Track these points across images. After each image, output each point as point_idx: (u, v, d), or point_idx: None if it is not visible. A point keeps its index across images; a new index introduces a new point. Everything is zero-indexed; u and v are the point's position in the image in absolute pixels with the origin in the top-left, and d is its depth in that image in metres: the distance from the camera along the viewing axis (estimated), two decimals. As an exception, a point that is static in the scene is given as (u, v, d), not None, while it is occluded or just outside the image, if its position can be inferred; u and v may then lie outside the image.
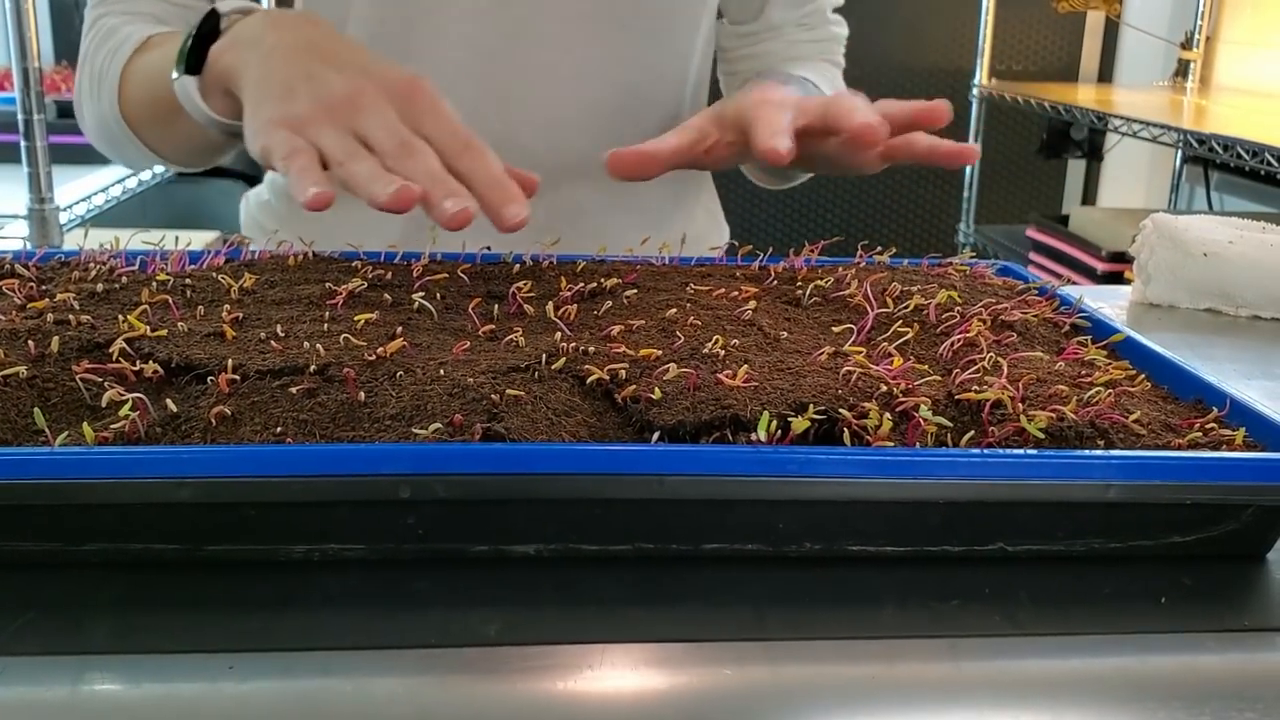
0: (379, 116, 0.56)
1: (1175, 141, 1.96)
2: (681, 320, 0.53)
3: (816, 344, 0.52)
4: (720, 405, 0.44)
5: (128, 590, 0.41)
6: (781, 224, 3.06)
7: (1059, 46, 3.00)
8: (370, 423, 0.43)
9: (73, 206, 1.64)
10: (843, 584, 0.42)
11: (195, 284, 0.56)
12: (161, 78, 0.69)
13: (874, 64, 2.97)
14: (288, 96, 0.58)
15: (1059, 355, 0.54)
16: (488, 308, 0.55)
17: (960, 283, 0.62)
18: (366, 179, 0.53)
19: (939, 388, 0.47)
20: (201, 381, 0.46)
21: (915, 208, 3.07)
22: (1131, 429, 0.45)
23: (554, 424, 0.44)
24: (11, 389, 0.45)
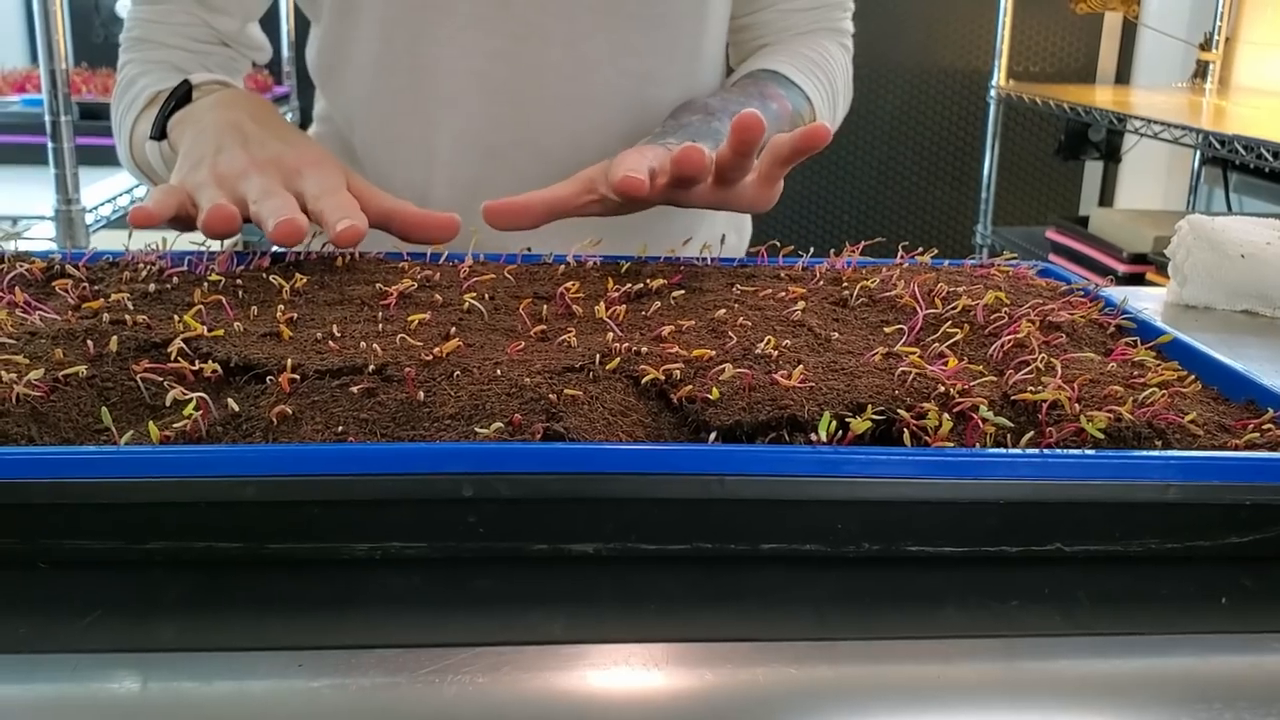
0: (260, 182, 0.63)
1: (1196, 143, 1.96)
2: (731, 320, 0.53)
3: (867, 344, 0.52)
4: (777, 406, 0.44)
5: (193, 588, 0.41)
6: (799, 226, 3.06)
7: (1076, 48, 2.99)
8: (430, 422, 0.43)
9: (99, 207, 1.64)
10: (902, 584, 0.43)
11: (246, 284, 0.57)
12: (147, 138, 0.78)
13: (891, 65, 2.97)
14: (197, 166, 0.66)
15: (1108, 356, 0.54)
16: (536, 308, 0.55)
17: (1005, 284, 0.63)
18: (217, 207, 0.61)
19: (994, 388, 0.47)
20: (260, 381, 0.46)
21: (932, 209, 3.07)
22: (1189, 429, 0.45)
23: (611, 424, 0.44)
24: (72, 388, 0.45)
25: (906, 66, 2.98)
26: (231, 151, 0.66)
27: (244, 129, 0.69)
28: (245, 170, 0.64)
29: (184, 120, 0.74)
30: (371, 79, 0.85)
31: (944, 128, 3.03)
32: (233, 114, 0.71)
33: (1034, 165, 3.03)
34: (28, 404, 0.43)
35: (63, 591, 0.41)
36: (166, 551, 0.41)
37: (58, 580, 0.41)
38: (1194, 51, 2.69)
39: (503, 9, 0.82)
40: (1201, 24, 2.71)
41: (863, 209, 3.06)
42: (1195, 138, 1.94)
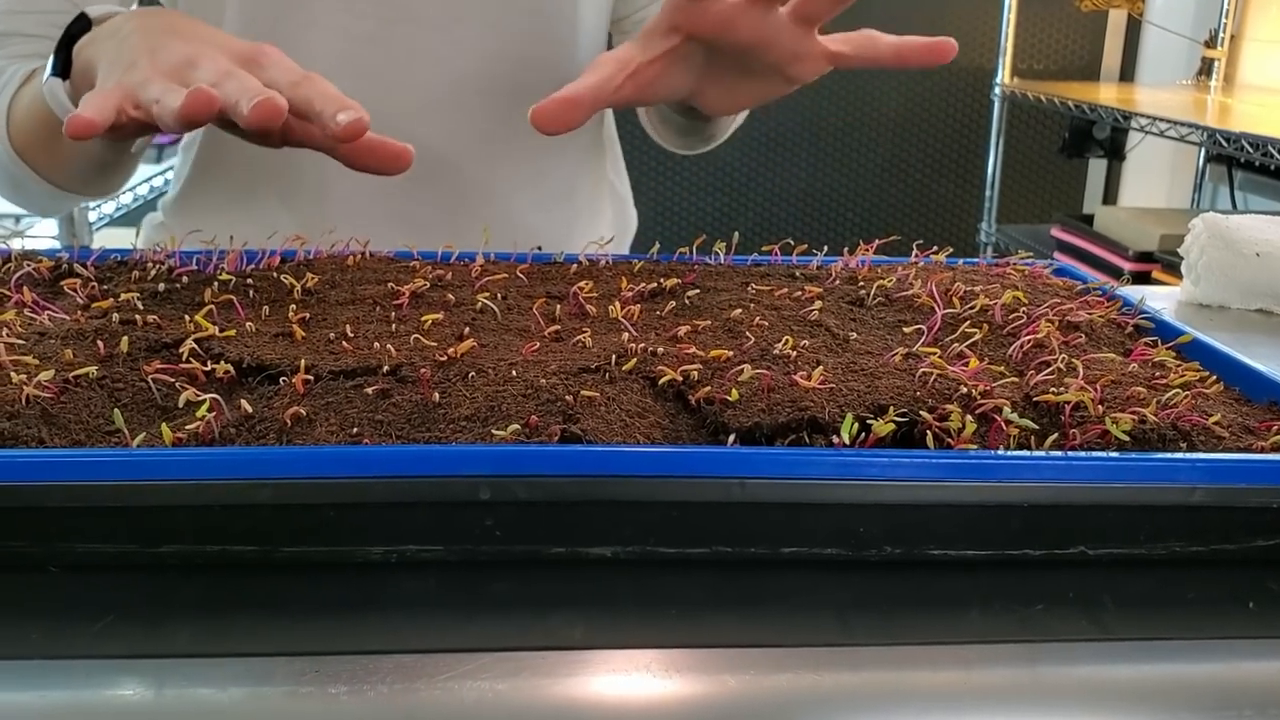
0: (213, 66, 0.56)
1: (1202, 140, 1.95)
2: (748, 320, 0.53)
3: (886, 345, 0.51)
4: (797, 407, 0.43)
5: (206, 592, 0.40)
6: (802, 221, 3.05)
7: (1081, 45, 2.99)
8: (445, 423, 0.43)
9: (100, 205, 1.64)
10: (925, 588, 0.42)
11: (257, 284, 0.56)
12: (41, 99, 0.68)
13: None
14: (130, 68, 0.58)
15: (1129, 357, 0.53)
16: (550, 308, 0.55)
17: (1021, 283, 0.62)
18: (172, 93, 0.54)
19: (1016, 390, 0.46)
20: (274, 382, 0.46)
21: (936, 206, 3.06)
22: (1213, 431, 0.44)
23: (628, 425, 0.44)
24: (82, 389, 0.44)
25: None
26: (170, 45, 0.59)
27: (177, 28, 0.62)
28: (192, 58, 0.57)
29: (95, 40, 0.65)
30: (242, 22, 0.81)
31: (948, 125, 3.03)
32: (159, 20, 0.64)
33: (1038, 163, 3.02)
34: (38, 405, 0.42)
35: (75, 595, 0.40)
36: (179, 555, 0.41)
37: (69, 584, 0.40)
38: (1199, 49, 2.68)
39: None
40: (1207, 21, 2.70)
41: (867, 206, 3.05)
42: (1201, 135, 1.94)
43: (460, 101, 0.83)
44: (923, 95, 2.99)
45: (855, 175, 3.04)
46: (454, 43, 0.82)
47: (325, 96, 0.55)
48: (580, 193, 0.92)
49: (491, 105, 0.84)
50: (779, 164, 3.02)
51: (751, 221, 3.01)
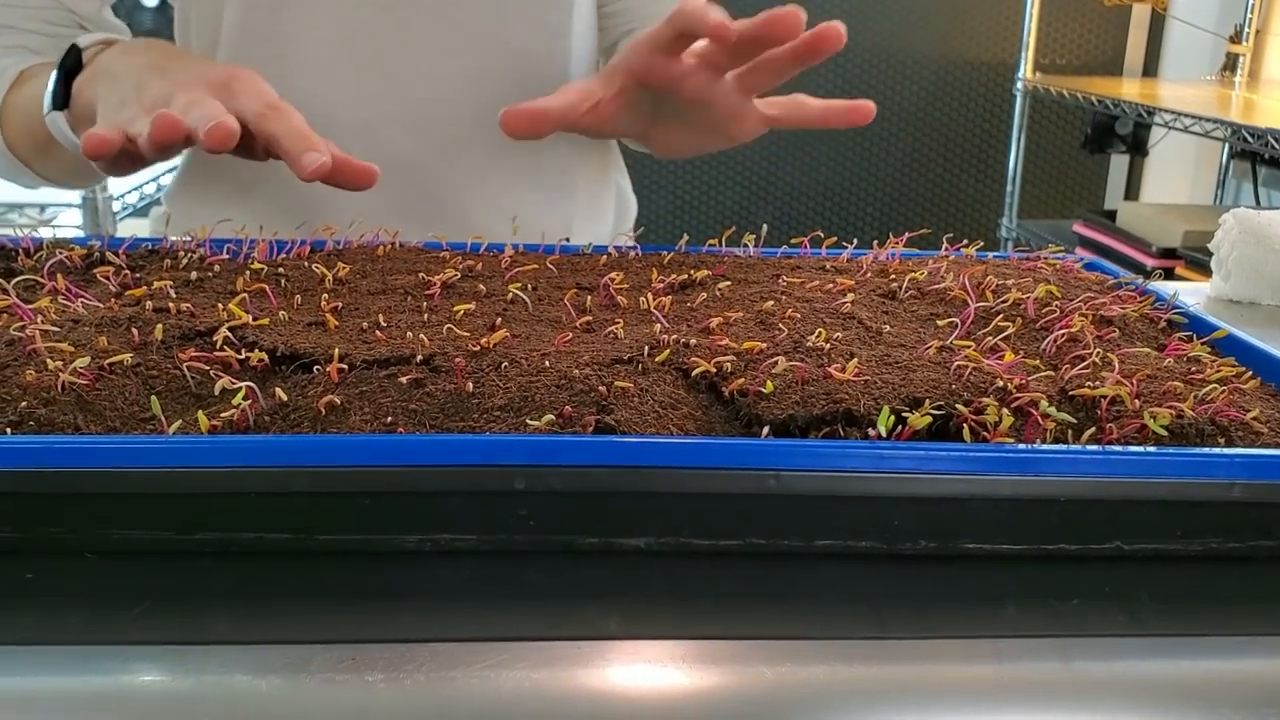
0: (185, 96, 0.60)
1: (1226, 136, 1.94)
2: (780, 312, 0.53)
3: (919, 338, 0.51)
4: (832, 400, 0.43)
5: (242, 579, 0.41)
6: (822, 215, 3.04)
7: (1104, 40, 2.97)
8: (479, 413, 0.43)
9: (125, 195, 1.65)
10: (959, 582, 0.42)
11: (288, 272, 0.56)
12: (35, 111, 0.72)
13: (917, 56, 2.95)
14: (121, 106, 0.63)
15: (1163, 351, 0.53)
16: (580, 299, 0.55)
17: (1053, 277, 0.62)
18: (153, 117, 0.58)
19: (1051, 384, 0.46)
20: (307, 371, 0.46)
21: (956, 201, 3.05)
22: (1252, 426, 0.44)
23: (661, 417, 0.43)
24: (117, 377, 0.44)
25: (932, 57, 2.96)
26: (153, 83, 0.64)
27: (160, 65, 0.66)
28: (170, 93, 0.62)
29: (90, 79, 0.70)
30: (233, 55, 0.83)
31: (969, 119, 3.01)
32: (145, 57, 0.68)
33: (1060, 158, 3.01)
34: (74, 392, 0.43)
35: (111, 581, 0.40)
36: (215, 542, 0.41)
37: (106, 569, 0.41)
38: (1223, 44, 2.66)
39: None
40: (1232, 16, 2.68)
41: (887, 201, 3.04)
42: (1226, 131, 1.92)
43: (458, 90, 0.84)
44: (944, 90, 2.98)
45: (876, 170, 3.03)
46: (452, 31, 0.83)
47: (292, 134, 0.59)
48: (579, 181, 0.93)
49: (489, 93, 0.84)
50: (799, 158, 3.01)
51: (772, 216, 3.01)
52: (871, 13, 2.93)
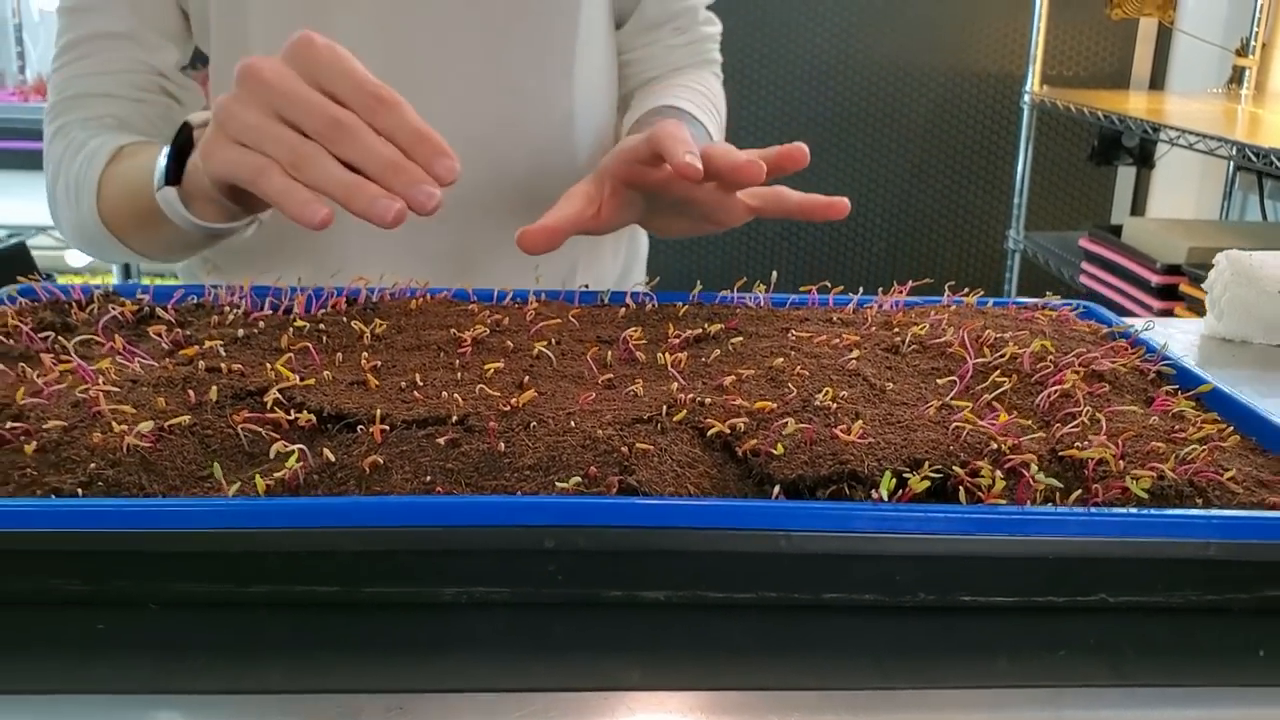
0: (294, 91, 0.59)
1: (1231, 155, 1.96)
2: (789, 369, 0.56)
3: (920, 395, 0.54)
4: (838, 461, 0.47)
5: (294, 630, 0.44)
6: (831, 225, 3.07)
7: (1111, 52, 2.99)
8: (511, 472, 0.46)
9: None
10: (956, 633, 0.45)
11: (329, 329, 0.60)
12: (141, 187, 0.74)
13: (924, 68, 2.98)
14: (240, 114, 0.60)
15: (1150, 406, 0.56)
16: (602, 354, 0.58)
17: (1049, 328, 0.65)
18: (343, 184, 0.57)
19: (1043, 443, 0.49)
20: (352, 430, 0.49)
21: (964, 213, 3.08)
22: (1228, 487, 0.47)
23: (680, 475, 0.47)
24: (176, 437, 0.48)
25: (940, 69, 2.98)
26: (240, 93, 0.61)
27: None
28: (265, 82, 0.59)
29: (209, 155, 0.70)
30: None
31: (977, 131, 3.04)
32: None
33: (1067, 170, 3.03)
34: (138, 453, 0.46)
35: (174, 632, 0.44)
36: (269, 594, 0.44)
37: (169, 620, 0.44)
38: (1230, 57, 2.68)
39: (381, 31, 0.84)
40: (1238, 29, 2.70)
41: (895, 211, 3.07)
42: (1230, 149, 1.95)
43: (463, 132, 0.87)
44: (952, 101, 3.00)
45: (884, 182, 3.06)
46: (457, 77, 0.86)
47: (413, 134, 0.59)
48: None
49: (493, 134, 0.88)
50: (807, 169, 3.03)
51: (781, 227, 3.04)
52: (880, 25, 2.96)
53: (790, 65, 2.97)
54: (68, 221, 0.86)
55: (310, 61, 0.60)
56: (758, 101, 2.98)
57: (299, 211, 0.56)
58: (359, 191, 0.56)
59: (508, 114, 0.88)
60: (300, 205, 0.57)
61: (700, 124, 0.90)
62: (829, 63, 2.98)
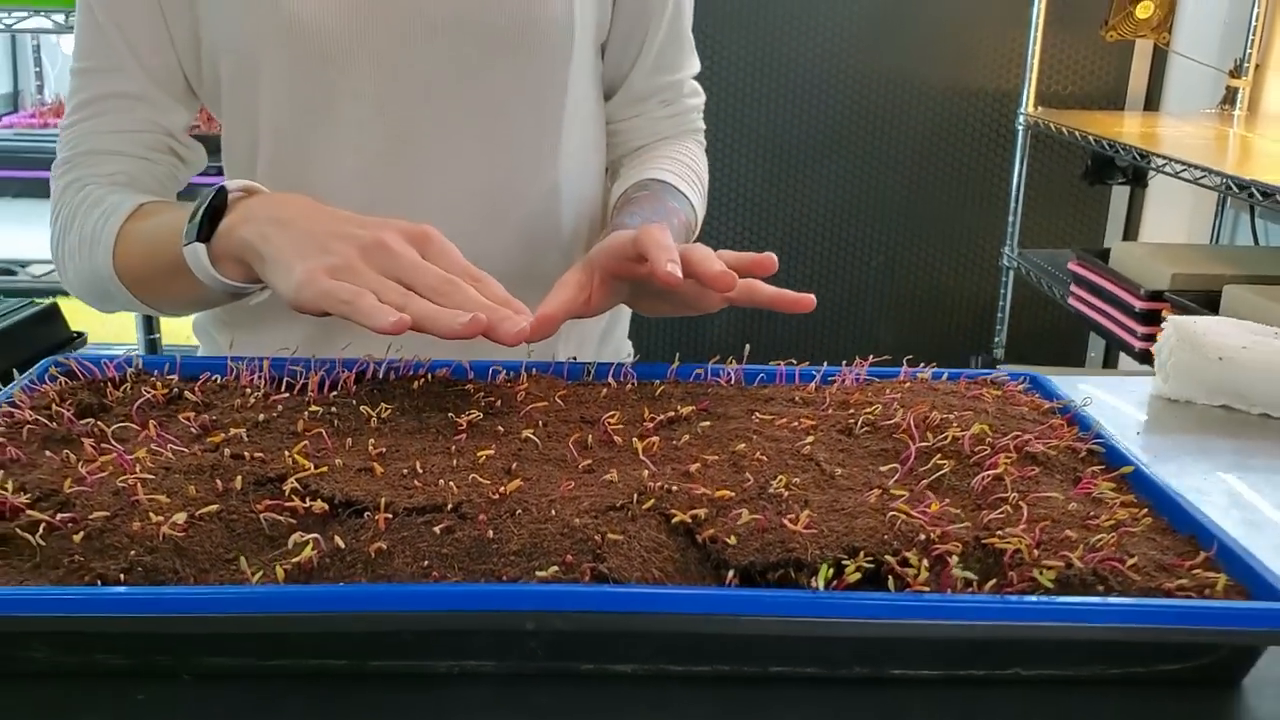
0: (408, 260, 0.70)
1: (1217, 185, 2.01)
2: (750, 454, 0.63)
3: (867, 479, 0.61)
4: (785, 549, 0.53)
5: (309, 698, 0.51)
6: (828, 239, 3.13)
7: (1108, 71, 3.05)
8: (498, 558, 0.53)
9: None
10: (887, 702, 0.52)
11: (340, 411, 0.67)
12: (163, 243, 0.81)
13: (922, 85, 3.03)
14: (325, 251, 0.70)
15: (1076, 487, 0.63)
16: (583, 436, 0.65)
17: (992, 405, 0.71)
18: (432, 314, 0.67)
19: (969, 531, 0.56)
20: (359, 516, 0.56)
21: (960, 229, 3.14)
22: (1127, 575, 0.53)
23: (646, 560, 0.54)
24: (205, 522, 0.55)
25: (937, 86, 3.04)
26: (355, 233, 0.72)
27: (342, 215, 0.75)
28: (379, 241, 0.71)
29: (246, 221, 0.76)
30: (266, 179, 0.92)
31: (974, 147, 3.10)
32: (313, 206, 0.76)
33: (1062, 187, 3.08)
34: (172, 540, 0.53)
35: (205, 701, 0.51)
36: (288, 668, 0.51)
37: (199, 690, 0.51)
38: (1224, 78, 2.74)
39: (381, 115, 0.91)
40: (1232, 50, 2.75)
41: (894, 226, 3.13)
42: (1216, 180, 1.99)
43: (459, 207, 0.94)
44: (948, 117, 3.06)
45: (883, 197, 3.12)
46: (454, 156, 0.93)
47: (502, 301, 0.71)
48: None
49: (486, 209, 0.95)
50: (805, 183, 3.10)
51: (778, 240, 3.10)
52: (880, 42, 3.01)
53: (791, 81, 3.03)
54: (77, 272, 0.91)
55: (425, 245, 0.73)
56: (760, 116, 3.04)
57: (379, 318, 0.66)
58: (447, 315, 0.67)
59: (499, 190, 0.95)
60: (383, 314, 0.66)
61: (683, 194, 0.97)
62: (829, 79, 3.04)
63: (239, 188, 0.80)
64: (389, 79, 0.90)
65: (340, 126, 0.91)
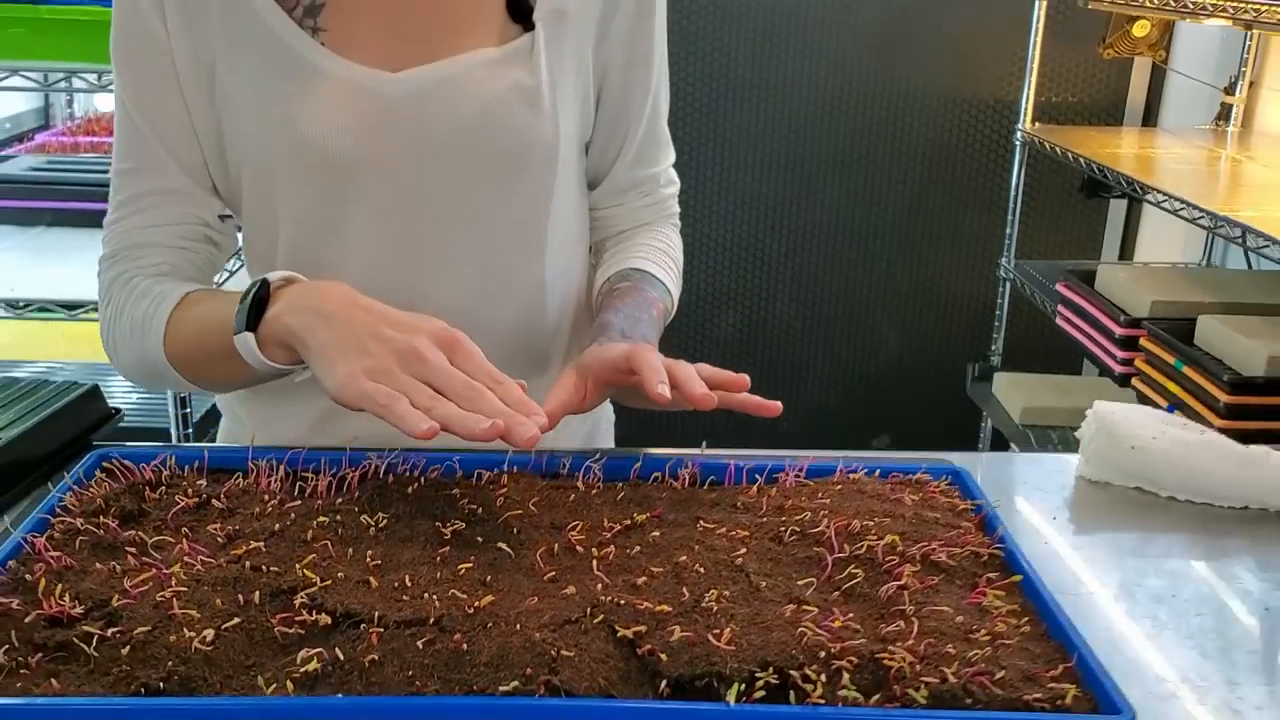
0: (438, 366, 0.81)
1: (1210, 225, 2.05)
2: (690, 565, 0.74)
3: (788, 590, 0.72)
4: (709, 662, 0.64)
5: (314, 788, 0.62)
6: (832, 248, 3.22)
7: (1107, 84, 3.12)
8: (470, 668, 0.64)
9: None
10: (785, 796, 0.63)
11: (344, 520, 0.78)
12: (212, 331, 0.92)
13: (924, 94, 3.12)
14: (364, 352, 0.81)
15: (972, 593, 0.73)
16: (550, 545, 0.76)
17: (910, 510, 0.82)
18: (459, 418, 0.78)
19: (866, 645, 0.66)
20: (356, 627, 0.68)
21: (961, 238, 3.22)
22: (993, 690, 0.64)
23: (594, 670, 0.65)
24: (229, 633, 0.66)
25: (938, 95, 3.12)
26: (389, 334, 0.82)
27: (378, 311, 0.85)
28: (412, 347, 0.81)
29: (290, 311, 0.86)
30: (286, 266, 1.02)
31: (975, 158, 3.18)
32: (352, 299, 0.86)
33: (1062, 199, 3.16)
34: (202, 652, 0.65)
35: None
36: (296, 761, 0.63)
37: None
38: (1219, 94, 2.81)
39: (383, 221, 1.02)
40: (1228, 68, 2.82)
41: (896, 234, 3.22)
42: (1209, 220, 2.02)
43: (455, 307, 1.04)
44: (950, 127, 3.14)
45: (884, 206, 3.21)
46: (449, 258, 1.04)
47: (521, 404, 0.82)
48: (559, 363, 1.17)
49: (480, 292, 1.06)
50: (810, 193, 3.19)
51: (783, 249, 3.20)
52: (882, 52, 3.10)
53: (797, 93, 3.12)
54: (127, 355, 1.02)
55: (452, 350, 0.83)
56: (767, 128, 3.13)
57: (412, 424, 0.77)
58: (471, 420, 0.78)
59: (489, 286, 1.06)
60: (415, 421, 0.77)
61: (661, 282, 1.08)
62: (833, 91, 3.12)
63: (280, 278, 0.91)
64: (392, 190, 1.00)
65: (350, 229, 1.02)
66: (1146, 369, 2.08)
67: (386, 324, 0.84)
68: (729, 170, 3.17)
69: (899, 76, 3.12)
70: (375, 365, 0.81)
